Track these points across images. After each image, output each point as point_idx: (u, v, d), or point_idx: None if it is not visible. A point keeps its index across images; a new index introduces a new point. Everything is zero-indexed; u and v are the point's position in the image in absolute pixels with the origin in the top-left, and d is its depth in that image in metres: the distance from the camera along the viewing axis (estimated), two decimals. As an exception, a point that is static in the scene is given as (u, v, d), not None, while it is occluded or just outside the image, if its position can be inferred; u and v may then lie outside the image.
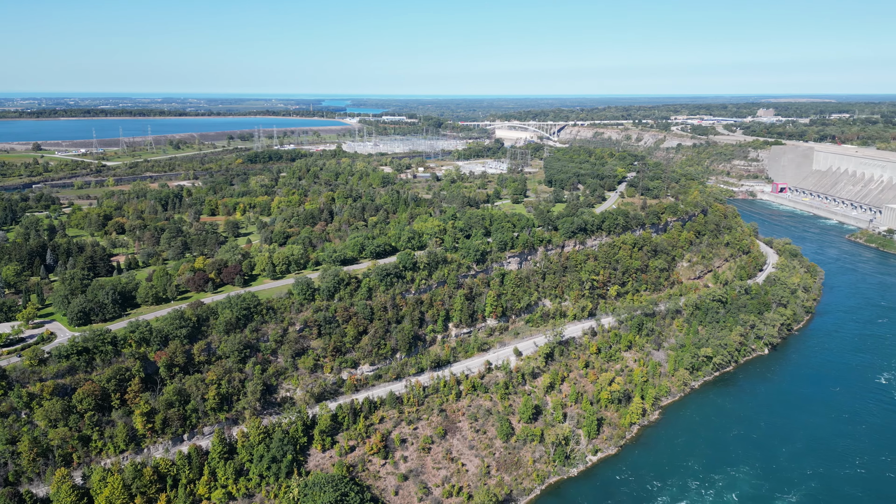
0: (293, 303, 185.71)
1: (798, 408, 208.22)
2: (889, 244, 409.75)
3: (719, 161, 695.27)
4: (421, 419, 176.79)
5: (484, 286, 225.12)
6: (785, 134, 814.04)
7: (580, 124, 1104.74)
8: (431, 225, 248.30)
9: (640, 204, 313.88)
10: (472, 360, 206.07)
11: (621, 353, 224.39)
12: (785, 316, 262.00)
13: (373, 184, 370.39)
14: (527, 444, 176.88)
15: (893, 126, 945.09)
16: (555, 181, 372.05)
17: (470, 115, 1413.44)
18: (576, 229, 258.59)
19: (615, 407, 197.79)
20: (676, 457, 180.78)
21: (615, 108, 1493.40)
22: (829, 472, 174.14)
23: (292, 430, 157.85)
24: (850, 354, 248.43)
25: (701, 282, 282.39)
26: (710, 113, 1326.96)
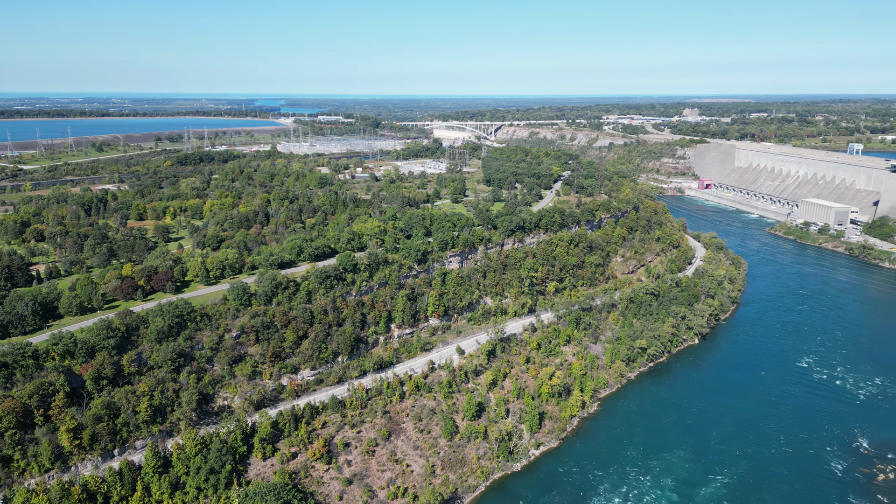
0: (229, 309, 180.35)
1: (727, 393, 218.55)
2: (805, 236, 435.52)
3: (649, 159, 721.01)
4: (364, 422, 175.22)
5: (426, 286, 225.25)
6: (709, 132, 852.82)
7: (516, 124, 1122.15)
8: (371, 226, 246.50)
9: (575, 202, 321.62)
10: (415, 360, 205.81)
11: (560, 347, 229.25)
12: (713, 306, 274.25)
13: (310, 185, 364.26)
14: (471, 441, 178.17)
15: (807, 124, 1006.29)
16: (493, 180, 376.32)
17: (408, 115, 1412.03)
18: (514, 228, 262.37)
19: (556, 401, 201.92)
20: (615, 446, 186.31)
21: (549, 109, 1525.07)
22: (757, 452, 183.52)
23: (231, 439, 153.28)
24: (774, 340, 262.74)
25: (634, 276, 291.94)
26: (639, 113, 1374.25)
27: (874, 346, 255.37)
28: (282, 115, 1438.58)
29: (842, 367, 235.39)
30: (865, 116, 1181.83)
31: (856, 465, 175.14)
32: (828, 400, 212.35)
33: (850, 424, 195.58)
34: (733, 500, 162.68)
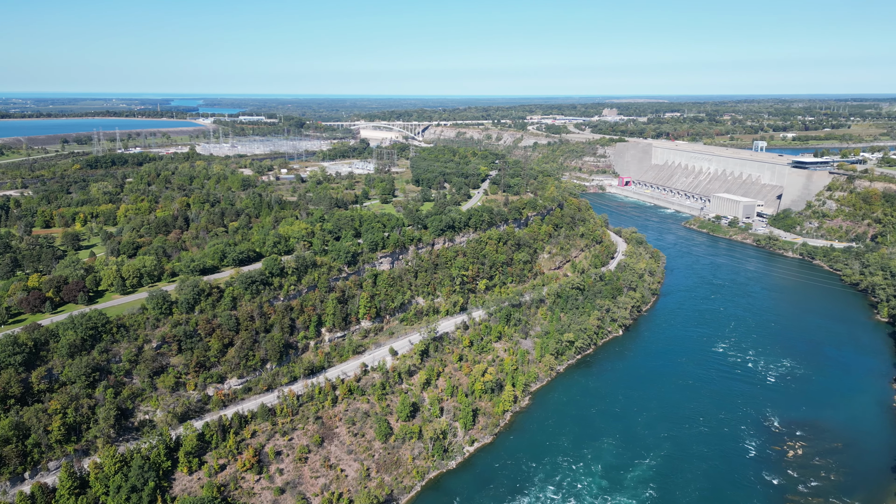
0: (148, 318, 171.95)
1: (650, 380, 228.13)
2: (717, 229, 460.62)
3: (572, 158, 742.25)
4: (296, 429, 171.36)
5: (356, 288, 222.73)
6: (627, 132, 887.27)
7: (443, 124, 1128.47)
8: (298, 228, 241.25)
9: (502, 200, 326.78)
10: (347, 363, 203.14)
11: (492, 344, 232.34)
12: (635, 299, 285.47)
13: (232, 187, 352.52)
14: (406, 442, 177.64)
15: (716, 123, 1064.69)
16: (422, 180, 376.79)
17: (333, 115, 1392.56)
18: (444, 227, 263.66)
19: (489, 397, 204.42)
20: (548, 437, 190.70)
21: (475, 109, 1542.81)
22: (680, 434, 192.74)
23: (153, 454, 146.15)
24: (691, 328, 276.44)
25: (561, 271, 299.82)
26: (561, 113, 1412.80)
27: (781, 330, 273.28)
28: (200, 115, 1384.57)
29: (753, 351, 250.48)
30: (768, 116, 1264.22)
31: (768, 443, 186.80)
32: (742, 382, 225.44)
33: (762, 405, 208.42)
34: (659, 481, 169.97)
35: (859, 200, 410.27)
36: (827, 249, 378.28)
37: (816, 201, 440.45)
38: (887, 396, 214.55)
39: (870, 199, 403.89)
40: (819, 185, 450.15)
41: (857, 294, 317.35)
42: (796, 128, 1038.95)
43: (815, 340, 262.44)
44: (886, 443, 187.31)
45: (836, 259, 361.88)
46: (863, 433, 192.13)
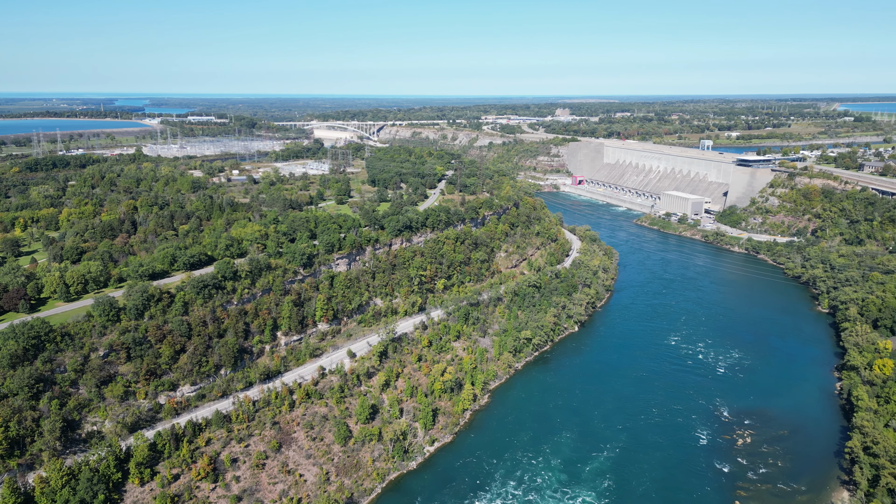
0: (94, 326, 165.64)
1: (606, 374, 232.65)
2: (668, 226, 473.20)
3: (526, 157, 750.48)
4: (253, 435, 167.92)
5: (313, 290, 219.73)
6: (580, 131, 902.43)
7: (399, 124, 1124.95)
8: (251, 230, 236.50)
9: (459, 200, 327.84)
10: (304, 367, 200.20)
11: (451, 343, 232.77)
12: (590, 295, 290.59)
13: (181, 189, 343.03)
14: (365, 444, 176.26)
15: (665, 123, 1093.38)
16: (378, 181, 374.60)
17: (286, 115, 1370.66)
18: (402, 227, 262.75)
19: (448, 396, 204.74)
20: (507, 434, 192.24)
21: (430, 109, 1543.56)
22: (635, 425, 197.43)
23: (103, 466, 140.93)
24: (645, 322, 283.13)
25: (518, 270, 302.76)
26: (515, 113, 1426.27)
27: (729, 323, 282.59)
28: (146, 115, 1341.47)
29: (703, 343, 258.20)
30: (714, 115, 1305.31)
31: (718, 432, 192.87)
32: (693, 374, 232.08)
33: (712, 395, 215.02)
34: (616, 472, 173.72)
35: (800, 196, 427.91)
36: (770, 244, 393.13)
37: (760, 198, 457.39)
38: (829, 384, 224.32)
39: (810, 195, 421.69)
40: (762, 182, 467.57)
41: (800, 286, 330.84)
42: (740, 127, 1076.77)
43: (761, 332, 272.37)
44: (829, 429, 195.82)
45: (779, 253, 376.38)
46: (807, 420, 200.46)
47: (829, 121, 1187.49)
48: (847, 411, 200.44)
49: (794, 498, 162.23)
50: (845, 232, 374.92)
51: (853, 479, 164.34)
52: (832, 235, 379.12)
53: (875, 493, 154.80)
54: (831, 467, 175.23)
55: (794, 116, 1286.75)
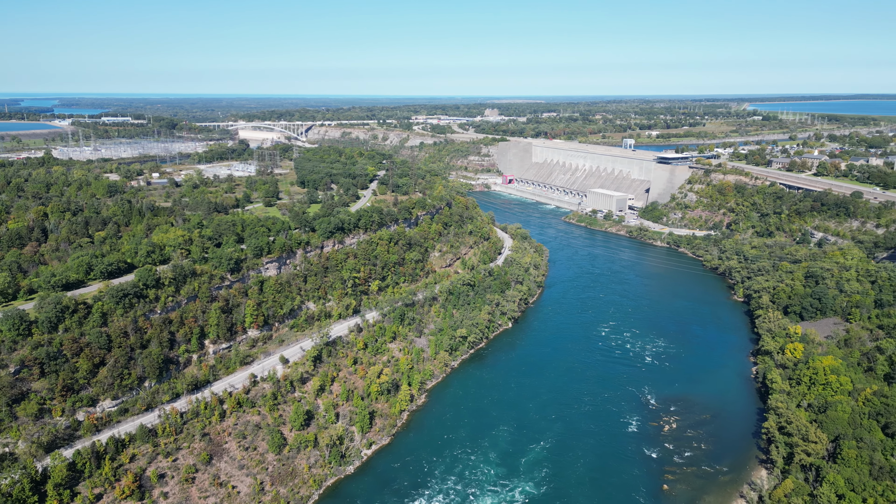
0: (3, 341, 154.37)
1: (540, 367, 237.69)
2: (594, 222, 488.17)
3: (457, 157, 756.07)
4: (181, 448, 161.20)
5: (242, 296, 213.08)
6: (508, 131, 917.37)
7: (327, 124, 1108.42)
8: (174, 235, 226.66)
9: (392, 200, 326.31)
10: (234, 375, 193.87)
11: (387, 344, 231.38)
12: (522, 291, 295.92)
13: (97, 194, 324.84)
14: (301, 451, 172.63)
15: (589, 122, 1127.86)
16: (307, 182, 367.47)
17: (209, 116, 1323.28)
18: (333, 229, 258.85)
19: (385, 398, 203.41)
20: (446, 431, 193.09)
21: (360, 109, 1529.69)
22: (569, 415, 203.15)
23: (16, 490, 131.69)
24: (575, 316, 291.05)
25: (452, 269, 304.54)
26: (445, 113, 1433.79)
27: (654, 314, 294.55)
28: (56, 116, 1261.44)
29: (630, 334, 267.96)
30: (635, 115, 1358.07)
31: (647, 419, 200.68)
32: (622, 363, 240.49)
33: (640, 383, 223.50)
34: (552, 461, 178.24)
35: (715, 192, 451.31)
36: (690, 238, 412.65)
37: (679, 194, 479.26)
38: (746, 369, 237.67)
39: (724, 191, 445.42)
40: (681, 178, 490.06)
41: (717, 277, 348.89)
42: (659, 126, 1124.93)
43: (684, 321, 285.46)
44: (747, 411, 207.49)
45: (697, 246, 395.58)
46: (727, 404, 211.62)
47: (739, 120, 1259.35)
48: (763, 394, 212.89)
49: (716, 479, 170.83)
50: (757, 225, 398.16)
51: (770, 458, 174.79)
52: (745, 228, 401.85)
53: (790, 469, 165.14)
54: (750, 447, 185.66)
55: (708, 116, 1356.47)
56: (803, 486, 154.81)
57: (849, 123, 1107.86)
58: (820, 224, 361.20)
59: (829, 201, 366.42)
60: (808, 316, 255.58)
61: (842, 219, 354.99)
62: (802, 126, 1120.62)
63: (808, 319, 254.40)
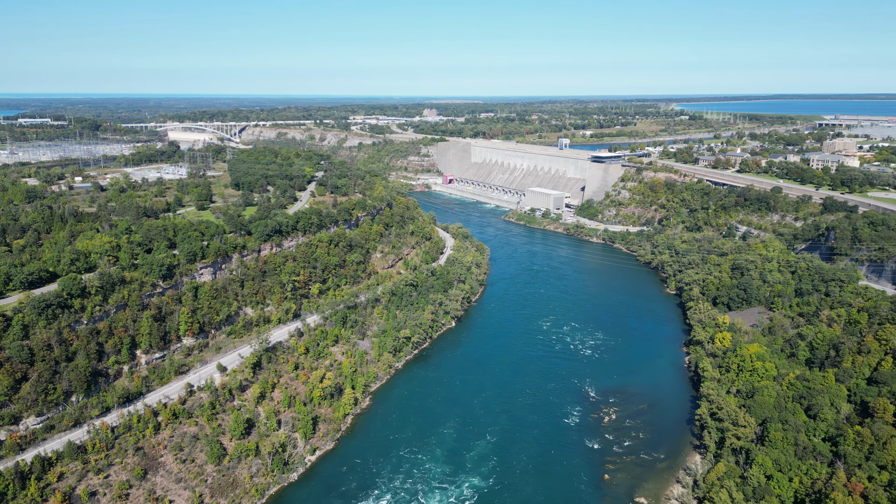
0: None
1: (484, 363, 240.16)
2: (533, 220, 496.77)
3: (397, 157, 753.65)
4: (113, 464, 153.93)
5: (175, 303, 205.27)
6: (447, 131, 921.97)
7: (262, 125, 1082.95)
8: (101, 242, 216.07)
9: (331, 202, 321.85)
10: (169, 385, 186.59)
11: (329, 348, 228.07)
12: (465, 290, 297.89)
13: (14, 200, 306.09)
14: (242, 461, 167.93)
15: (526, 122, 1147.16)
16: (242, 184, 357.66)
17: (135, 116, 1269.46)
18: (271, 232, 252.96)
19: (329, 402, 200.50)
20: (392, 432, 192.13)
21: (296, 109, 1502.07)
22: (513, 408, 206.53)
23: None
24: (517, 312, 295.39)
25: (394, 269, 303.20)
26: (384, 113, 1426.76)
27: (592, 307, 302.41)
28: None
29: (570, 328, 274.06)
30: (569, 115, 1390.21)
31: (588, 411, 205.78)
32: (563, 357, 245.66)
33: (581, 376, 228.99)
34: (498, 454, 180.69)
35: (647, 189, 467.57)
36: (624, 234, 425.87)
37: (613, 191, 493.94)
38: (679, 359, 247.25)
39: (655, 188, 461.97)
40: (614, 176, 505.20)
41: (650, 271, 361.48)
42: (593, 126, 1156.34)
43: (620, 314, 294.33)
44: (681, 399, 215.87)
45: (631, 242, 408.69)
46: (663, 393, 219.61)
47: (668, 119, 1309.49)
48: (695, 382, 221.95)
49: (654, 466, 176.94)
50: (686, 220, 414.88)
51: (703, 443, 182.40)
52: (675, 224, 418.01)
53: (722, 453, 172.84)
54: (685, 434, 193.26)
55: (639, 116, 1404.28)
56: (734, 468, 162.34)
57: (768, 122, 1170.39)
58: (744, 218, 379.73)
59: (752, 196, 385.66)
60: (735, 306, 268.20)
61: (763, 213, 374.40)
62: (726, 125, 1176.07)
63: (735, 309, 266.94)
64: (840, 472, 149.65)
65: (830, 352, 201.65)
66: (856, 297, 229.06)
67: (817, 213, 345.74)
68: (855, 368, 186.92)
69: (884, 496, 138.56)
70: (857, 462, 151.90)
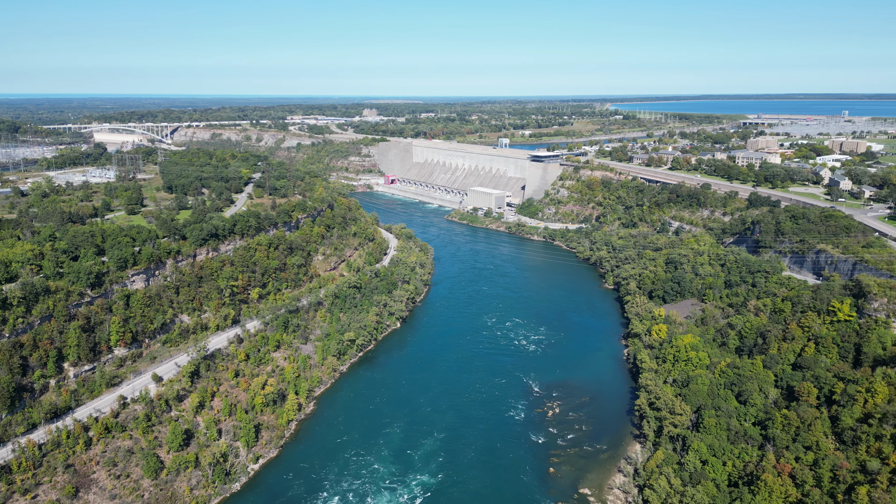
0: None
1: (430, 362, 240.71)
2: (475, 220, 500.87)
3: (337, 158, 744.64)
4: (41, 484, 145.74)
5: (105, 312, 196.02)
6: (388, 131, 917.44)
7: (195, 125, 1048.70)
8: (22, 250, 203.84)
9: (269, 204, 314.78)
10: (101, 399, 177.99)
11: (271, 354, 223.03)
12: (409, 291, 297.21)
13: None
14: (181, 473, 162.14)
15: (466, 122, 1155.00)
16: (175, 187, 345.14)
17: (58, 118, 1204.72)
18: (206, 236, 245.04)
19: (271, 409, 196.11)
20: (338, 436, 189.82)
21: (231, 109, 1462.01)
22: (460, 404, 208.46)
23: None
24: (463, 309, 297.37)
25: (337, 272, 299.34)
26: (322, 113, 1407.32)
27: (535, 304, 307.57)
28: None
29: (513, 324, 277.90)
30: (509, 115, 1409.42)
31: (532, 405, 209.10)
32: (507, 353, 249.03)
33: (526, 371, 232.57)
34: (446, 451, 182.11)
35: (584, 187, 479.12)
36: (564, 231, 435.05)
37: (552, 190, 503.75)
38: (619, 351, 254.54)
39: (592, 186, 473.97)
40: (553, 175, 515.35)
41: (589, 267, 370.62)
42: (532, 126, 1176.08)
43: (561, 309, 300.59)
44: (621, 390, 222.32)
45: (571, 239, 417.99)
46: (604, 385, 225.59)
47: (603, 119, 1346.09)
48: (634, 373, 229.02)
49: (597, 457, 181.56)
50: (622, 217, 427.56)
51: (643, 432, 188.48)
52: (612, 220, 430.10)
53: (660, 441, 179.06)
54: (625, 424, 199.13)
55: (575, 116, 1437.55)
56: (672, 455, 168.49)
57: (697, 122, 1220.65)
58: (676, 214, 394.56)
59: (684, 193, 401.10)
60: (670, 299, 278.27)
61: (694, 209, 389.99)
62: (658, 124, 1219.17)
63: (669, 302, 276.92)
64: (769, 454, 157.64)
65: (758, 340, 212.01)
66: (780, 287, 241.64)
67: (744, 208, 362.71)
68: (781, 355, 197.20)
69: (809, 475, 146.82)
70: (785, 444, 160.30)
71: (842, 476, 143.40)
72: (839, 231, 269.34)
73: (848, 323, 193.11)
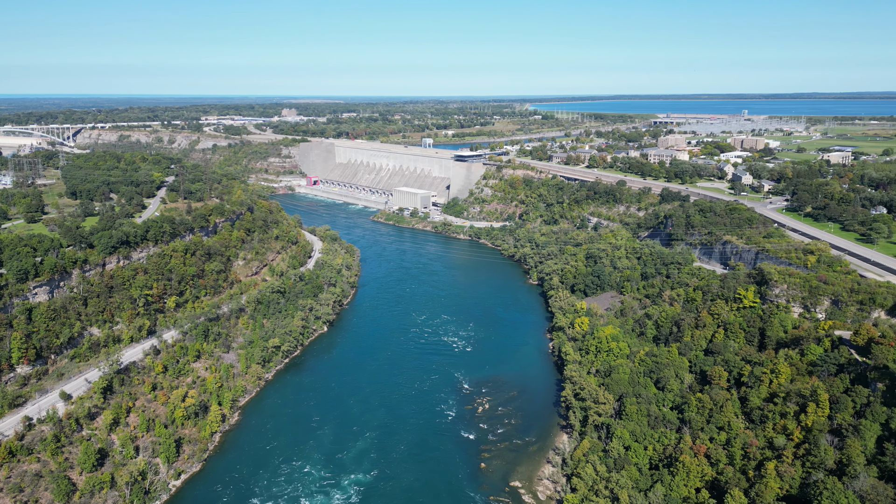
0: None
1: (360, 363, 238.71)
2: (401, 220, 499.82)
3: (256, 159, 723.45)
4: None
5: (5, 328, 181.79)
6: (309, 132, 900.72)
7: (101, 127, 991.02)
8: None
9: (185, 208, 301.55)
10: (3, 420, 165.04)
11: (191, 364, 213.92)
12: (336, 294, 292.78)
13: None
14: (95, 495, 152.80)
15: (389, 123, 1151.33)
16: (80, 192, 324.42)
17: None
18: (116, 243, 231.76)
19: (193, 422, 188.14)
20: (266, 444, 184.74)
21: (140, 109, 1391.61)
22: (391, 403, 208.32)
23: None
24: (392, 308, 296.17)
25: (259, 277, 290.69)
26: (239, 113, 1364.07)
27: (462, 301, 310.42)
28: None
29: (440, 321, 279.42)
30: (431, 115, 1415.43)
31: (462, 402, 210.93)
32: (437, 351, 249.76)
33: (455, 367, 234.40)
34: (378, 448, 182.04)
35: (507, 186, 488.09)
36: (489, 229, 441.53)
37: (476, 189, 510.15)
38: (544, 345, 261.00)
39: (515, 185, 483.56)
40: (477, 175, 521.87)
41: (514, 264, 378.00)
42: (454, 126, 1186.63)
43: (488, 306, 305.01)
44: (548, 383, 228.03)
45: (495, 237, 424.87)
46: (531, 379, 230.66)
47: (523, 119, 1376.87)
48: (560, 366, 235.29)
49: (526, 450, 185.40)
50: (544, 214, 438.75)
51: (569, 423, 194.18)
52: (535, 218, 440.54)
53: (586, 430, 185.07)
54: (553, 416, 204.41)
55: (496, 116, 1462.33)
56: (597, 443, 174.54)
57: (611, 121, 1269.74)
58: (595, 210, 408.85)
59: (601, 190, 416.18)
60: (591, 292, 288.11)
61: (611, 205, 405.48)
62: (575, 124, 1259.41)
63: (591, 295, 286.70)
64: (686, 436, 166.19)
65: (673, 328, 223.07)
66: (691, 277, 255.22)
67: (656, 203, 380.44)
68: (694, 342, 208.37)
69: (723, 454, 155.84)
70: (700, 426, 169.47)
71: (752, 453, 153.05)
72: (743, 223, 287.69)
73: (753, 309, 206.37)
